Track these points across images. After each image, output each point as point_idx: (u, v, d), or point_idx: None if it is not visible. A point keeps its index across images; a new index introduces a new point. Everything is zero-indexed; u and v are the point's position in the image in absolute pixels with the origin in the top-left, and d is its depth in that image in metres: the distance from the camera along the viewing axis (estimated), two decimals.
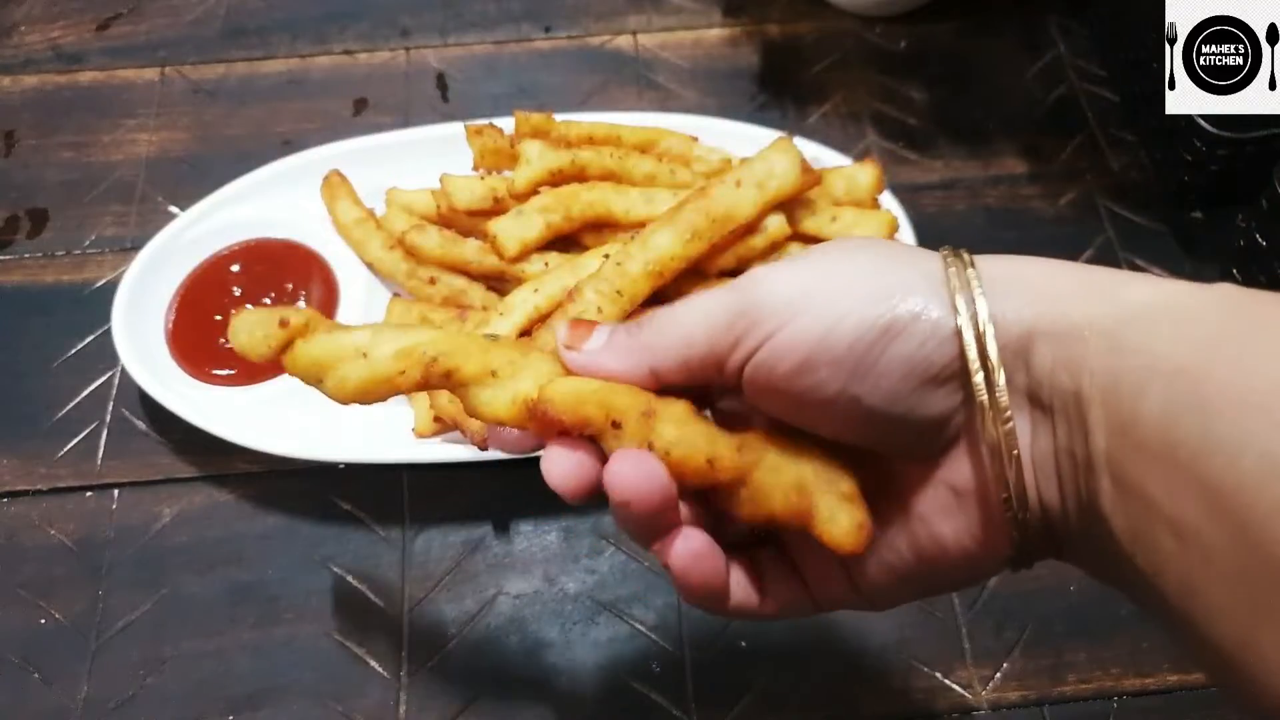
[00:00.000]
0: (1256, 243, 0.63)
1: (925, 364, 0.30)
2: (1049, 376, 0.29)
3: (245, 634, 0.57)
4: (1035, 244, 0.71)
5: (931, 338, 0.30)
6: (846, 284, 0.31)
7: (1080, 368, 0.28)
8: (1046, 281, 0.30)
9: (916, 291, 0.30)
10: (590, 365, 0.34)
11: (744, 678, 0.55)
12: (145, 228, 0.70)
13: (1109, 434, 0.27)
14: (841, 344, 0.30)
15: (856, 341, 0.30)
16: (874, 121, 0.78)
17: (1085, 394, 0.28)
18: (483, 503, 0.61)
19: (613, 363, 0.34)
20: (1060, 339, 0.29)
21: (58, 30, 0.84)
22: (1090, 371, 0.28)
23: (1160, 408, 0.26)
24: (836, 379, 0.30)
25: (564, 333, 0.35)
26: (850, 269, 0.31)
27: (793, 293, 0.31)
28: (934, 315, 0.30)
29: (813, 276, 0.31)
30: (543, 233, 0.62)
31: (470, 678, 0.56)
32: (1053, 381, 0.29)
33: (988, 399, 0.30)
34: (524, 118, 0.67)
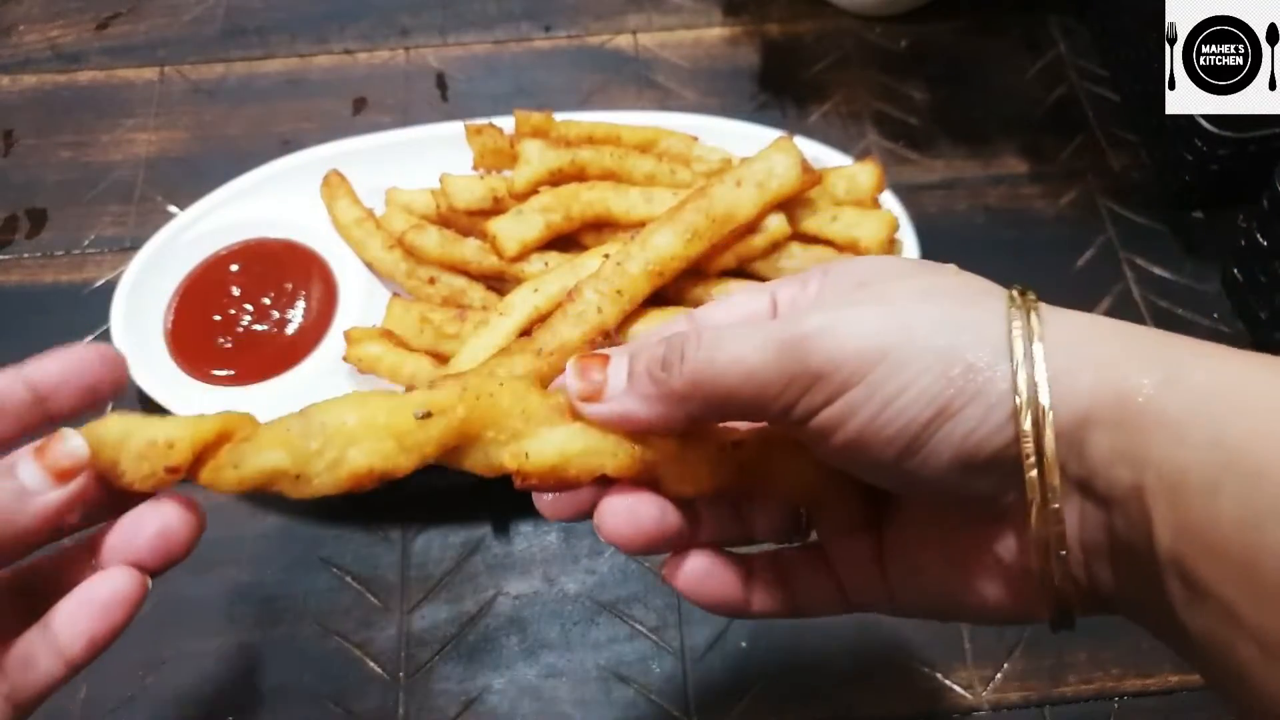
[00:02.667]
0: (1257, 242, 0.63)
1: (976, 449, 0.28)
2: (1106, 468, 0.27)
3: (245, 634, 0.57)
4: (1035, 244, 0.71)
5: (986, 422, 0.28)
6: (913, 345, 0.28)
7: (1143, 461, 0.26)
8: (1107, 353, 0.28)
9: (980, 363, 0.28)
10: (616, 418, 0.32)
11: (744, 678, 0.55)
12: (144, 228, 0.70)
13: (1176, 533, 0.26)
14: (896, 423, 0.29)
15: (911, 422, 0.28)
16: (874, 121, 0.78)
17: (1149, 489, 0.26)
18: (483, 503, 0.61)
19: (642, 412, 0.31)
20: (1120, 428, 0.27)
21: (56, 30, 0.84)
22: (1155, 466, 0.26)
23: (1238, 513, 0.24)
24: (888, 453, 0.29)
25: (576, 383, 0.32)
26: (920, 320, 0.29)
27: (852, 357, 0.29)
28: (993, 396, 0.28)
29: (881, 329, 0.29)
30: (543, 232, 0.62)
31: (470, 678, 0.56)
32: (1110, 474, 0.27)
33: (1039, 498, 0.28)
34: (524, 117, 0.67)
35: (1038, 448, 0.27)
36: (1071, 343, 0.28)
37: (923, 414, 0.28)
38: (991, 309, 0.29)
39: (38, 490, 0.30)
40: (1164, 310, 0.68)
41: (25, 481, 0.30)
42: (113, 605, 0.31)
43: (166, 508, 0.31)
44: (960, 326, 0.29)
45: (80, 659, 0.31)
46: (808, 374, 0.29)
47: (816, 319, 0.30)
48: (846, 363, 0.29)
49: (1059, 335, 0.28)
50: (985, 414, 0.28)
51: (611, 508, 0.33)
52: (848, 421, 0.29)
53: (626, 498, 0.33)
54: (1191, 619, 0.26)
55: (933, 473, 0.29)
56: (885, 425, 0.29)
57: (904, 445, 0.29)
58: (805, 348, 0.29)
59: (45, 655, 0.31)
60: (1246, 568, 0.24)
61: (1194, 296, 0.68)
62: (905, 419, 0.28)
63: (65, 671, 0.31)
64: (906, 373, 0.28)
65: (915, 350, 0.28)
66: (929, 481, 0.29)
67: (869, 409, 0.29)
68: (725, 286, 0.61)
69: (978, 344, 0.28)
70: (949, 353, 0.28)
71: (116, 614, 0.31)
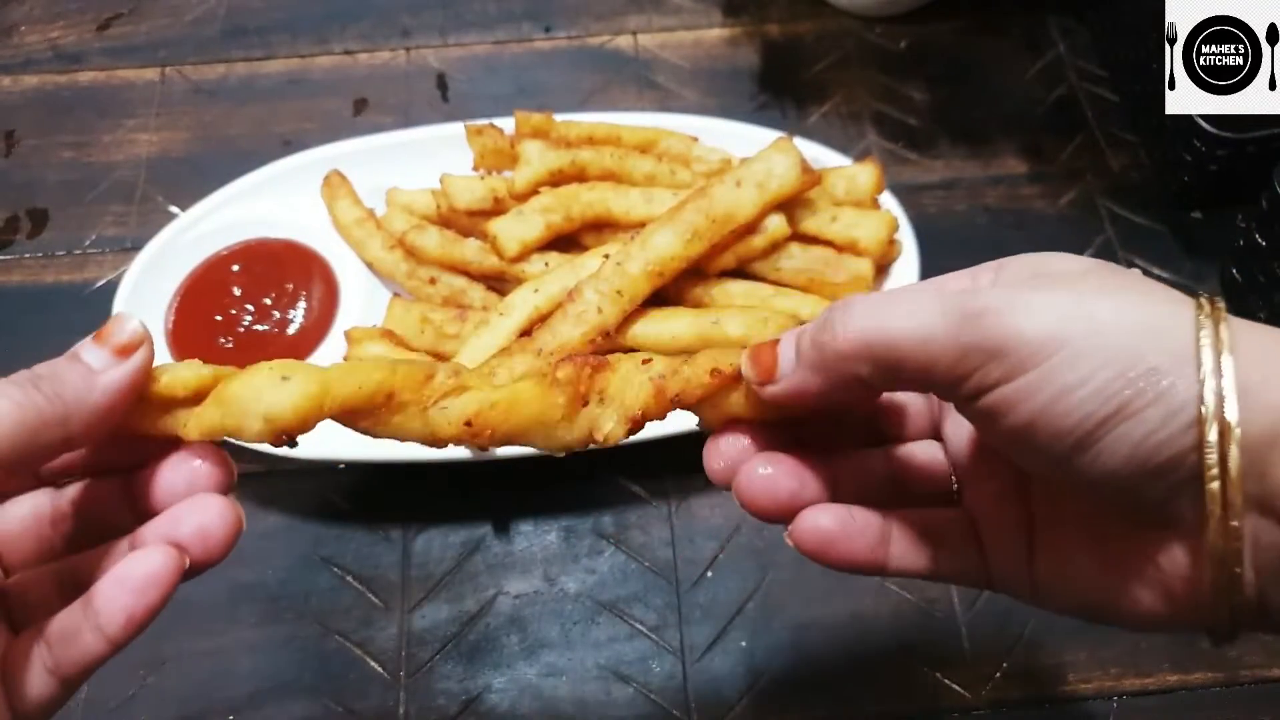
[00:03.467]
0: (1256, 243, 0.63)
1: (1153, 453, 0.27)
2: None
3: (245, 634, 0.57)
4: (1036, 244, 0.70)
5: (1166, 426, 0.27)
6: (1096, 336, 0.28)
7: None
8: None
9: (1164, 367, 0.27)
10: (792, 394, 0.32)
11: (744, 678, 0.55)
12: (145, 228, 0.70)
13: None
14: (1073, 415, 0.28)
15: (1088, 417, 0.27)
16: (874, 121, 0.78)
17: None
18: (483, 503, 0.61)
19: (816, 382, 0.31)
20: None
21: (58, 30, 0.84)
22: None
23: None
24: (1058, 446, 0.28)
25: (750, 370, 0.33)
26: (1104, 314, 0.28)
27: (1033, 339, 0.28)
28: (1175, 402, 0.27)
29: (1065, 315, 0.28)
30: (543, 233, 0.62)
31: (470, 678, 0.56)
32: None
33: (1220, 511, 0.27)
34: (524, 118, 0.67)
35: (1222, 460, 0.27)
36: (1263, 359, 0.27)
37: (1100, 410, 0.27)
38: (1179, 315, 0.28)
39: (102, 368, 0.31)
40: None
41: (89, 361, 0.32)
42: (149, 583, 0.31)
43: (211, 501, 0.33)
44: (1145, 327, 0.28)
45: (120, 637, 0.31)
46: (984, 348, 0.28)
47: (999, 295, 0.29)
48: (1027, 343, 0.28)
49: (1250, 349, 0.27)
50: (1166, 419, 0.27)
51: (748, 476, 0.33)
52: (1020, 405, 0.28)
53: (762, 464, 0.33)
54: None
55: (1103, 471, 0.28)
56: (1061, 416, 0.28)
57: (1078, 439, 0.28)
58: (985, 321, 0.28)
59: (87, 631, 0.31)
60: None
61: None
62: (1083, 412, 0.27)
63: (106, 648, 0.31)
64: (1087, 365, 0.27)
65: (1098, 343, 0.28)
66: (1098, 480, 0.29)
67: (1044, 395, 0.28)
68: (725, 287, 0.61)
69: (1163, 347, 0.27)
70: (1132, 351, 0.27)
71: (152, 593, 0.31)
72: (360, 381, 0.32)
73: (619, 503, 0.61)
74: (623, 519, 0.61)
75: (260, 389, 0.32)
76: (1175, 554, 0.29)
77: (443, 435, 0.34)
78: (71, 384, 0.31)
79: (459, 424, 0.34)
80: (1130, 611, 0.31)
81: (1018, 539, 0.34)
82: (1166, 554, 0.30)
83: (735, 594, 0.58)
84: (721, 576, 0.59)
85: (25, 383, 0.30)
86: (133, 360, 0.32)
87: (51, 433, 0.30)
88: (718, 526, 0.60)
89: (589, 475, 0.62)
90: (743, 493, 0.33)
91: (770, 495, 0.33)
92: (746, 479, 0.33)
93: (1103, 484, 0.28)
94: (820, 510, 0.33)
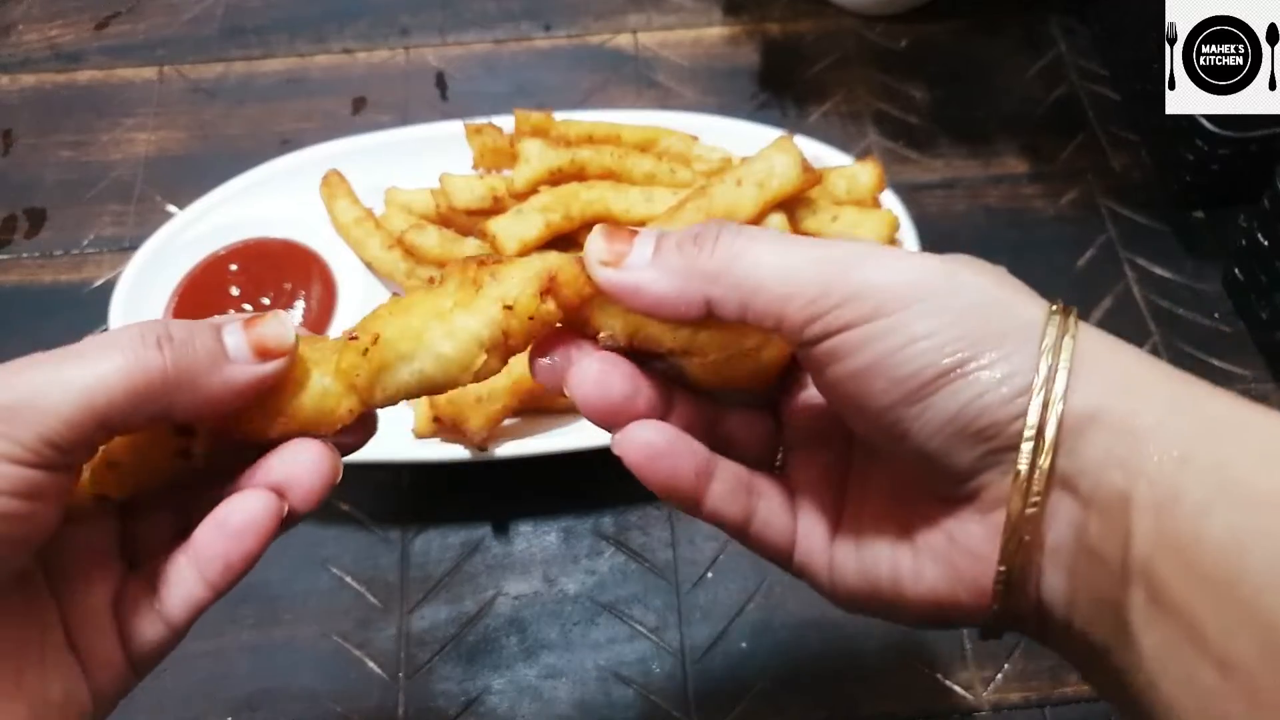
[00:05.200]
0: (1258, 242, 0.63)
1: (978, 414, 0.28)
2: (1096, 469, 0.27)
3: (245, 634, 0.57)
4: (1036, 244, 0.71)
5: (995, 390, 0.28)
6: (952, 298, 0.29)
7: (1137, 471, 0.26)
8: (1130, 366, 0.28)
9: (1009, 339, 0.28)
10: (629, 288, 0.30)
11: (744, 678, 0.55)
12: (143, 227, 0.70)
13: (1156, 547, 0.26)
14: (911, 364, 0.28)
15: (925, 369, 0.28)
16: (875, 120, 0.78)
17: (1137, 499, 0.26)
18: (482, 503, 0.61)
19: (661, 284, 0.30)
20: (1122, 435, 0.27)
21: (56, 29, 0.84)
22: (1149, 478, 0.26)
23: (1226, 534, 0.25)
24: (890, 395, 0.29)
25: (600, 246, 0.31)
26: (954, 284, 0.29)
27: (893, 289, 0.29)
28: (1010, 369, 0.28)
29: (926, 274, 0.29)
30: (542, 232, 0.62)
31: (470, 679, 0.56)
32: (1100, 475, 0.27)
33: (1026, 474, 0.28)
34: (523, 116, 0.67)
35: (1040, 427, 0.28)
36: (1099, 351, 0.29)
37: (940, 362, 0.28)
38: (1035, 302, 0.30)
39: (236, 359, 0.30)
40: (1164, 310, 0.68)
41: (228, 345, 0.30)
42: (247, 529, 0.30)
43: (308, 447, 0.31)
44: (999, 301, 0.29)
45: (220, 582, 0.31)
46: (843, 289, 0.29)
47: (871, 248, 0.30)
48: (885, 292, 0.29)
49: (1090, 342, 0.29)
50: (997, 384, 0.28)
51: (582, 371, 0.32)
52: (864, 349, 0.29)
53: (600, 361, 0.32)
54: (1149, 633, 0.26)
55: (926, 428, 0.29)
56: (901, 364, 0.28)
57: (911, 389, 0.28)
58: (850, 265, 0.29)
59: (190, 576, 0.31)
60: (1221, 589, 0.24)
61: (1195, 296, 0.68)
62: (922, 361, 0.28)
63: (209, 593, 0.31)
64: (939, 319, 0.28)
65: (952, 304, 0.29)
66: (920, 438, 0.29)
67: (889, 342, 0.28)
68: None
69: (1012, 321, 0.29)
70: (982, 318, 0.29)
71: (249, 538, 0.30)
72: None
73: (619, 503, 0.61)
74: (623, 519, 0.61)
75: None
76: (970, 528, 0.30)
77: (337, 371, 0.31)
78: (198, 361, 0.29)
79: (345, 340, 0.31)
80: (912, 592, 0.32)
81: (827, 517, 0.35)
82: (962, 527, 0.30)
83: (735, 595, 0.58)
84: (722, 577, 0.58)
85: (151, 338, 0.28)
86: (268, 365, 0.30)
87: (156, 404, 0.28)
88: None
89: (589, 476, 0.62)
90: (574, 387, 0.32)
91: (602, 393, 0.32)
92: (580, 374, 0.32)
93: (923, 442, 0.29)
94: (651, 426, 0.32)
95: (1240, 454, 0.26)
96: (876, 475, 0.35)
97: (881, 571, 0.33)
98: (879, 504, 0.34)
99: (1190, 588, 0.25)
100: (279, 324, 0.31)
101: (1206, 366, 0.65)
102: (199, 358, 0.29)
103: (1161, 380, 0.28)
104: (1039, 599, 0.30)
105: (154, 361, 0.28)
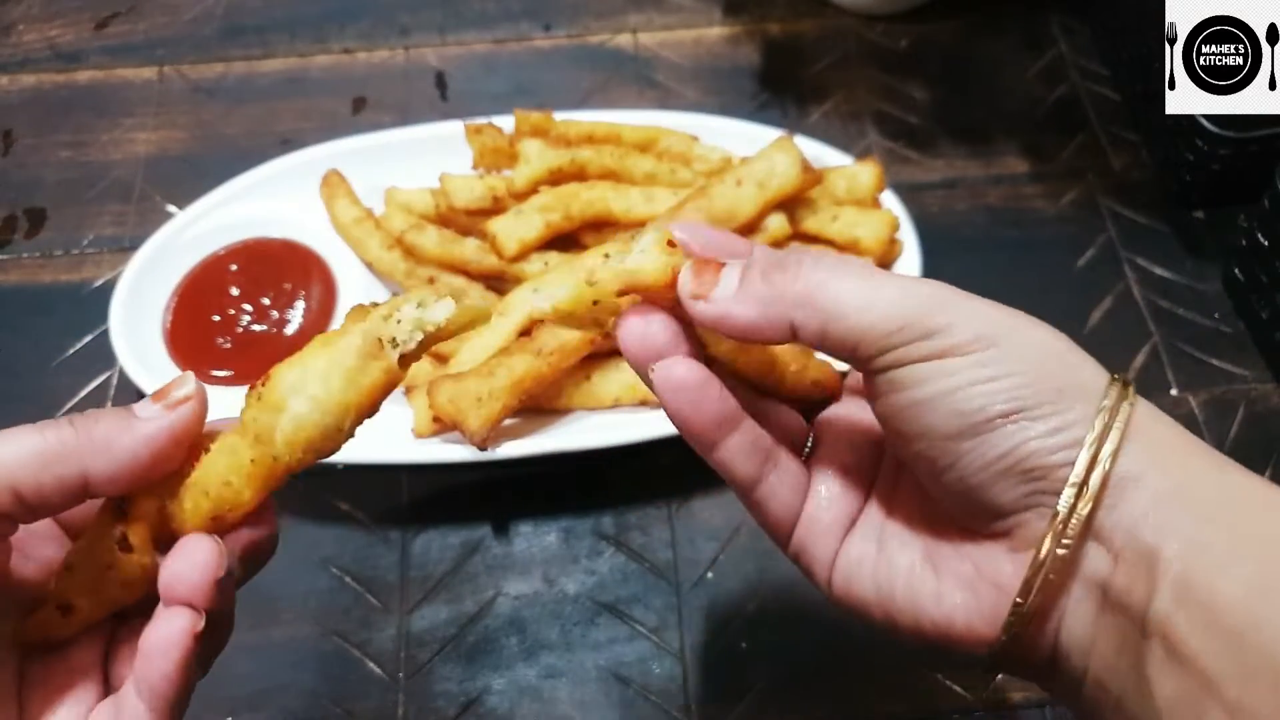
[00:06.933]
0: (1258, 242, 0.63)
1: (1030, 455, 0.30)
2: (1130, 525, 0.29)
3: (244, 634, 0.56)
4: (1036, 244, 0.71)
5: (1051, 438, 0.30)
6: (1024, 349, 0.31)
7: (1170, 531, 0.28)
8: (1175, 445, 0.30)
9: (1068, 395, 0.30)
10: (725, 319, 0.32)
11: (744, 679, 0.55)
12: (143, 227, 0.70)
13: (1177, 601, 0.27)
14: (975, 401, 0.30)
15: (987, 407, 0.30)
16: (875, 120, 0.78)
17: (1165, 557, 0.28)
18: (482, 504, 0.61)
19: (749, 313, 0.32)
20: (1159, 497, 0.29)
21: (56, 29, 0.84)
22: (1179, 537, 0.28)
23: (1243, 587, 0.26)
24: (948, 427, 0.30)
25: (690, 281, 0.32)
26: (1024, 337, 0.31)
27: (981, 330, 0.30)
28: (1066, 420, 0.30)
29: (1003, 323, 0.31)
30: (542, 232, 0.62)
31: (470, 679, 0.56)
32: (1133, 531, 0.29)
33: (1065, 515, 0.29)
34: (523, 116, 0.67)
35: (1087, 475, 0.29)
36: (1152, 420, 0.31)
37: (1000, 406, 0.30)
38: (1097, 367, 0.32)
39: (145, 417, 0.31)
40: (1165, 310, 0.68)
41: (136, 411, 0.31)
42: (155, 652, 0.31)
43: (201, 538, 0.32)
44: (1067, 361, 0.31)
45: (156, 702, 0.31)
46: (925, 324, 0.30)
47: (949, 293, 0.31)
48: (965, 332, 0.30)
49: (1146, 412, 0.31)
50: (1052, 432, 0.30)
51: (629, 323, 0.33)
52: (930, 382, 0.30)
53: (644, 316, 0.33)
54: (1164, 684, 0.28)
55: (974, 462, 0.30)
56: (963, 400, 0.30)
57: (969, 425, 0.30)
58: (935, 302, 0.31)
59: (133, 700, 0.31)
60: (1236, 640, 0.26)
61: (1195, 296, 0.68)
62: (983, 401, 0.30)
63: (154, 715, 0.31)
64: (1006, 366, 0.30)
65: (1023, 354, 0.30)
66: (966, 469, 0.31)
67: (958, 379, 0.30)
68: None
69: (1075, 379, 0.31)
70: (1048, 371, 0.30)
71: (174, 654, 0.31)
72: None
73: (619, 503, 0.61)
74: (623, 519, 0.60)
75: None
76: (999, 564, 0.32)
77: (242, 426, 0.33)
78: (105, 424, 0.31)
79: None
80: (928, 612, 0.33)
81: (842, 513, 0.36)
82: (990, 561, 0.32)
83: (735, 595, 0.58)
84: (722, 577, 0.58)
85: (62, 420, 0.31)
86: (178, 411, 0.31)
87: (67, 466, 0.30)
88: (718, 527, 0.60)
89: (589, 475, 0.62)
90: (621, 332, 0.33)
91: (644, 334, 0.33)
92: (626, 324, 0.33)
93: (970, 475, 0.31)
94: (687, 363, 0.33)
95: (1260, 521, 0.28)
96: (905, 494, 0.36)
97: (897, 586, 0.34)
98: (906, 521, 0.35)
99: (1207, 638, 0.27)
100: (180, 380, 0.32)
101: (1206, 366, 0.65)
102: (107, 421, 0.31)
103: (1201, 454, 0.30)
104: (1057, 642, 0.31)
105: (60, 430, 0.30)
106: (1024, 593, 0.30)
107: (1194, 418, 0.63)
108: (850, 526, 0.36)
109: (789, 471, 0.36)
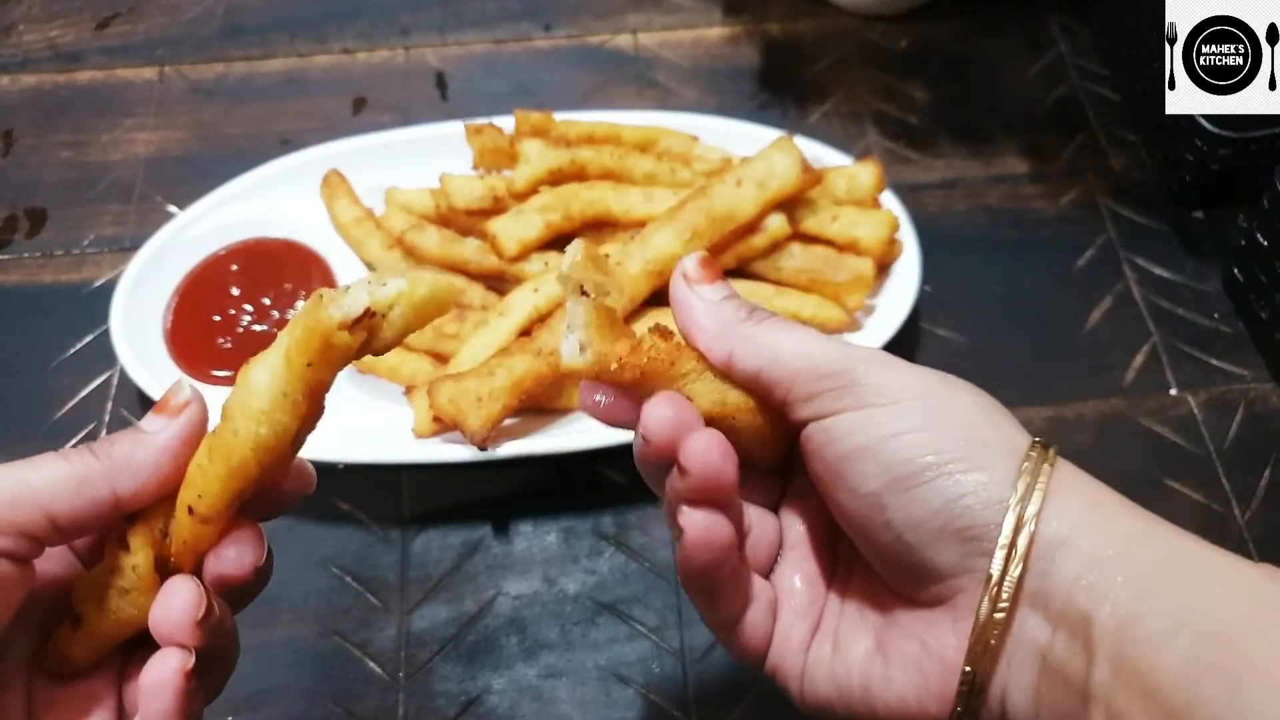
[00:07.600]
0: (1258, 242, 0.63)
1: (960, 513, 0.30)
2: (1065, 591, 0.29)
3: (245, 634, 0.56)
4: (1036, 244, 0.71)
5: (978, 495, 0.30)
6: (940, 402, 0.32)
7: (1102, 596, 0.28)
8: (1102, 499, 0.31)
9: (994, 451, 0.31)
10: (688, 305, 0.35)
11: (744, 679, 0.55)
12: (144, 227, 0.70)
13: (1115, 672, 0.28)
14: (902, 453, 0.31)
15: (915, 458, 0.30)
16: (875, 120, 0.78)
17: (1099, 624, 0.28)
18: (482, 503, 0.61)
19: (706, 321, 0.34)
20: (1090, 562, 0.29)
21: (56, 30, 0.84)
22: (1112, 603, 0.28)
23: (1184, 665, 0.26)
24: (878, 480, 0.31)
25: (693, 265, 0.35)
26: (950, 395, 0.32)
27: (893, 384, 0.32)
28: (993, 478, 0.30)
29: (927, 382, 0.32)
30: (542, 232, 0.62)
31: (470, 679, 0.56)
32: (1068, 597, 0.29)
33: (997, 578, 0.30)
34: (524, 117, 0.67)
35: (1014, 535, 0.30)
36: (1075, 483, 0.31)
37: (926, 457, 0.30)
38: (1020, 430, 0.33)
39: (154, 430, 0.33)
40: (1164, 310, 0.68)
41: (144, 425, 0.33)
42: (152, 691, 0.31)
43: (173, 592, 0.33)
44: (991, 419, 0.32)
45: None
46: (848, 376, 0.32)
47: (882, 354, 0.33)
48: (894, 386, 0.32)
49: (1068, 474, 0.31)
50: (979, 489, 0.30)
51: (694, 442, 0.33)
52: (857, 432, 0.31)
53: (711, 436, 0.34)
54: None
55: (909, 518, 0.31)
56: (890, 450, 0.31)
57: (898, 477, 0.31)
58: (859, 360, 0.32)
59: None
60: (1177, 718, 0.26)
61: (1194, 296, 0.68)
62: (910, 452, 0.31)
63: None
64: (932, 417, 0.31)
65: (949, 409, 0.32)
66: (900, 526, 0.31)
67: (884, 429, 0.31)
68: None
69: (999, 436, 0.31)
70: (975, 426, 0.31)
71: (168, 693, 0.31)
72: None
73: (619, 503, 0.61)
74: (623, 519, 0.61)
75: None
76: (944, 635, 0.32)
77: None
78: (122, 444, 0.32)
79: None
80: (881, 699, 0.33)
81: (805, 620, 0.36)
82: (935, 634, 0.32)
83: None
84: None
85: (80, 448, 0.32)
86: (181, 418, 0.33)
87: (97, 488, 0.31)
88: None
89: (589, 476, 0.62)
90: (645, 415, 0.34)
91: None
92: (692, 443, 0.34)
93: (905, 531, 0.31)
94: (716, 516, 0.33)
95: (1197, 590, 0.28)
96: (857, 583, 0.36)
97: (854, 679, 0.34)
98: (858, 606, 0.36)
99: (1146, 713, 0.27)
100: (176, 388, 0.34)
101: (1206, 366, 0.65)
102: (122, 441, 0.33)
103: (1129, 516, 0.30)
104: (1004, 713, 0.31)
105: (83, 457, 0.32)
106: (970, 660, 0.30)
107: (1193, 418, 0.63)
108: (814, 633, 0.36)
109: (761, 598, 0.36)
